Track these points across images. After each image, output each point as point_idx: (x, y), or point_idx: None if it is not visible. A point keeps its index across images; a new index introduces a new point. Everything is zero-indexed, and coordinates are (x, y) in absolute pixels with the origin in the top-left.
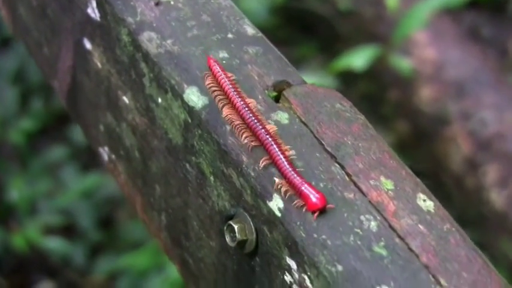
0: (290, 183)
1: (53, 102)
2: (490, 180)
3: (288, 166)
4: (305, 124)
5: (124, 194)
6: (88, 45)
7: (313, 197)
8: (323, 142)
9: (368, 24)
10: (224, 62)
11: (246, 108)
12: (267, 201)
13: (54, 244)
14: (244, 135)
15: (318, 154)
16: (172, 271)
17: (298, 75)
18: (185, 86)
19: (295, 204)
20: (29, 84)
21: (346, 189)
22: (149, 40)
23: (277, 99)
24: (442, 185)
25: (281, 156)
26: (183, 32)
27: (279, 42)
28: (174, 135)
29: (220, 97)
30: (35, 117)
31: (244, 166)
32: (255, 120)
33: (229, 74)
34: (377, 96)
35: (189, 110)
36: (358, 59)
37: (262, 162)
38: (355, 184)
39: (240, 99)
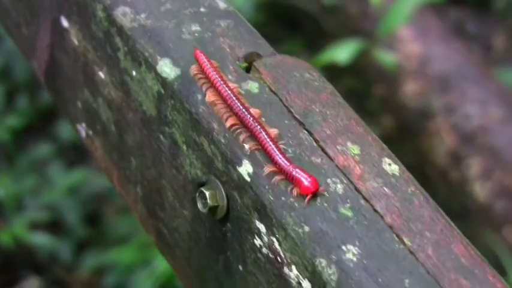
0: (281, 169)
1: (39, 99)
2: (473, 173)
3: (277, 152)
4: (274, 93)
5: (103, 168)
6: (65, 23)
7: (306, 181)
8: (292, 110)
9: (353, 20)
10: (196, 34)
11: (233, 97)
12: (237, 167)
13: (41, 240)
14: (232, 124)
15: (286, 121)
16: (158, 265)
17: (269, 47)
18: (158, 58)
19: (290, 190)
20: (15, 82)
21: (314, 154)
22: (123, 15)
23: (248, 70)
24: (426, 178)
25: (270, 143)
26: (156, 6)
27: (266, 38)
28: (148, 107)
29: (206, 84)
30: (21, 115)
31: (215, 133)
32: (242, 108)
33: (216, 64)
34: (362, 91)
35: (162, 81)
36: (342, 53)
37: (250, 149)
38: (322, 149)
39: (226, 88)
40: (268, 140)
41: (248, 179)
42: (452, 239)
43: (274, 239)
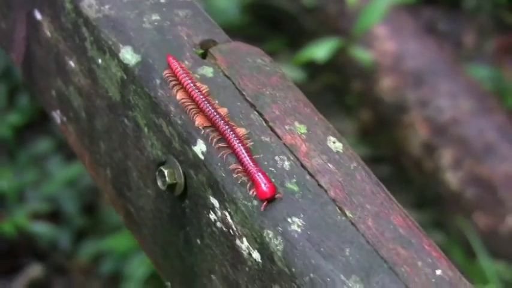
0: (246, 170)
1: None
2: (445, 163)
3: (245, 155)
4: (228, 77)
5: (76, 152)
6: (38, 16)
7: (264, 186)
8: (244, 93)
9: (331, 20)
10: (156, 23)
11: (206, 102)
12: (192, 146)
13: (42, 229)
14: (206, 128)
15: (239, 103)
16: None
17: (224, 35)
18: (121, 46)
19: (249, 189)
20: (16, 82)
21: (263, 133)
22: (89, 6)
23: (204, 56)
24: (402, 167)
25: (239, 145)
26: None
27: (250, 38)
28: (113, 93)
29: (179, 89)
30: (22, 112)
31: (172, 115)
32: (215, 113)
33: (195, 79)
34: (341, 87)
35: (124, 67)
36: (320, 50)
37: (223, 153)
38: (271, 129)
39: (198, 92)
40: (236, 140)
41: (202, 157)
42: (392, 211)
43: (227, 213)
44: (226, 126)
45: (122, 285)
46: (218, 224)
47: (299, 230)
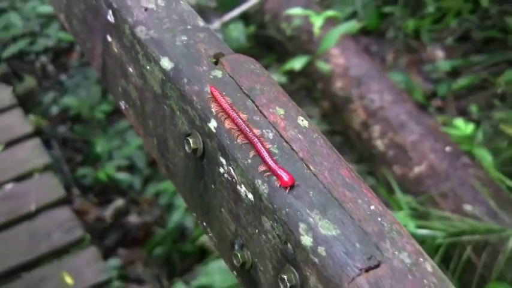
0: (269, 168)
1: None
2: (376, 134)
3: (268, 156)
4: (231, 77)
5: (134, 128)
6: (109, 38)
7: (285, 177)
8: (242, 87)
9: (304, 44)
10: (184, 42)
11: (240, 119)
12: (208, 123)
13: (123, 177)
14: (239, 137)
15: (238, 94)
16: None
17: (230, 49)
18: (161, 57)
19: (276, 181)
20: None
21: (255, 114)
22: (141, 31)
23: (216, 63)
24: (349, 138)
25: (263, 149)
26: (160, 25)
27: (252, 56)
28: (156, 88)
29: (222, 114)
30: (110, 104)
31: (194, 103)
32: (245, 126)
33: (228, 100)
34: (310, 87)
35: (163, 71)
36: (297, 63)
37: (251, 155)
38: (260, 112)
39: (235, 113)
40: (262, 147)
41: (214, 130)
42: (341, 166)
43: (231, 168)
44: (254, 137)
45: (173, 211)
46: (225, 175)
47: None
